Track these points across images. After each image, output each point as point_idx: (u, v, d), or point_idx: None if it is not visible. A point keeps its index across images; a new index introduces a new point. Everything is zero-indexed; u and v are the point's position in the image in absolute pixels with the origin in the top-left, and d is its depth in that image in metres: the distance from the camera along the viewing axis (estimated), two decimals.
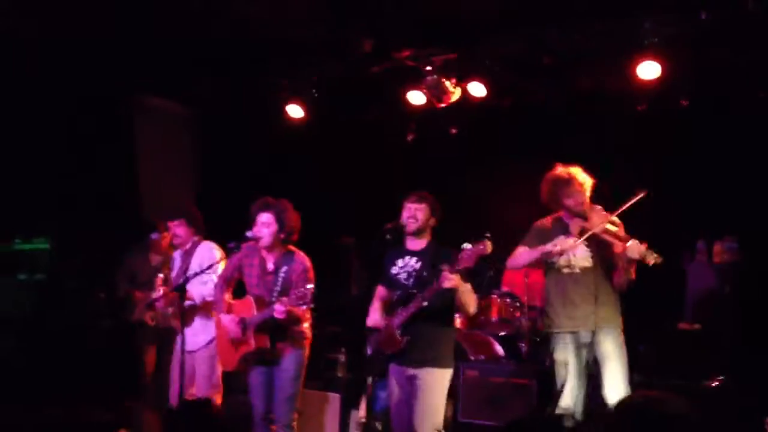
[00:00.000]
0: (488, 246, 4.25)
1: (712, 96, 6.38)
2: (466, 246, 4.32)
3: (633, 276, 4.65)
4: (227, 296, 5.15)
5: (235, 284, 5.23)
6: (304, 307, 4.73)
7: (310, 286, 4.74)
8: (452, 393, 5.08)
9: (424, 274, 4.56)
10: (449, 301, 4.50)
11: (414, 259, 4.69)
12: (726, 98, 6.35)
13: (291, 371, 4.98)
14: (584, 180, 4.79)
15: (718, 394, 5.26)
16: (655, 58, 5.92)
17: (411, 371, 4.57)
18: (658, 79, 6.02)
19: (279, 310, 4.73)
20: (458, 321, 5.96)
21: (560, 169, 4.83)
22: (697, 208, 6.24)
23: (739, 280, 6.30)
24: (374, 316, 4.76)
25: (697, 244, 6.49)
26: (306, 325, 5.06)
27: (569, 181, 4.78)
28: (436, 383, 4.55)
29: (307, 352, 5.08)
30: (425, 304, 4.44)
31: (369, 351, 4.81)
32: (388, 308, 4.71)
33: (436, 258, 4.56)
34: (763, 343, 5.92)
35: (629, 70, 6.06)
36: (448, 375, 4.62)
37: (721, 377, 5.40)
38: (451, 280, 4.31)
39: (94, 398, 5.40)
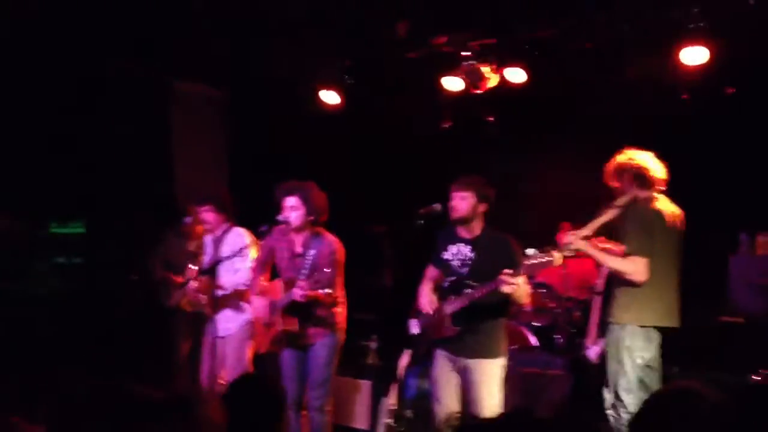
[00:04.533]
0: (557, 259, 4.04)
1: (759, 85, 6.15)
2: (531, 252, 4.14)
3: None
4: (262, 279, 5.14)
5: (270, 268, 5.21)
6: (324, 291, 4.67)
7: (328, 270, 4.68)
8: None
9: (481, 265, 4.42)
10: (503, 295, 4.33)
11: (468, 247, 4.55)
12: None
13: (322, 357, 4.95)
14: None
15: (760, 389, 5.09)
16: (701, 43, 5.70)
17: (464, 362, 4.50)
18: (703, 65, 5.80)
19: (297, 293, 4.70)
20: None
21: None
22: (737, 199, 6.06)
23: None
24: (425, 299, 4.64)
25: (740, 236, 6.29)
26: (339, 309, 5.01)
27: None
28: (492, 374, 4.48)
29: (340, 337, 5.04)
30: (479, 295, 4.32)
31: (415, 331, 4.73)
32: (440, 293, 4.61)
33: (493, 249, 4.42)
34: None
35: (674, 56, 5.87)
36: (502, 363, 4.54)
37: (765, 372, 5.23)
38: (510, 285, 4.15)
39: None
